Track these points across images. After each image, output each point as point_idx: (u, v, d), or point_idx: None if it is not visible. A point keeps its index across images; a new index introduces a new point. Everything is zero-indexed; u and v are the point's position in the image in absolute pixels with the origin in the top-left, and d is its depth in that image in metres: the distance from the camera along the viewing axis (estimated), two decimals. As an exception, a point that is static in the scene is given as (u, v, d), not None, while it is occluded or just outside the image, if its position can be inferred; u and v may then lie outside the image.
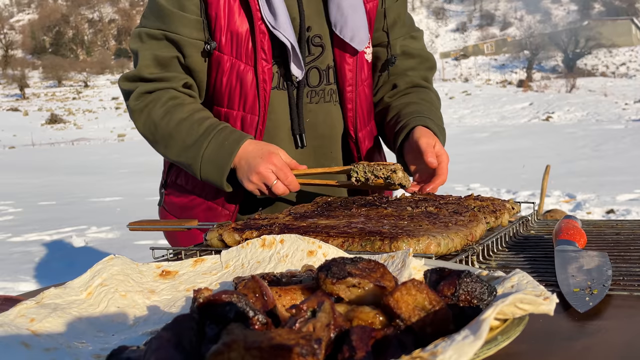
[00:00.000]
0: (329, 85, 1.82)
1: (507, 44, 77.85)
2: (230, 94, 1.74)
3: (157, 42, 1.73)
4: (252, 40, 1.69)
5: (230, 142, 1.65)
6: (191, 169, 1.70)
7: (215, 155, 1.66)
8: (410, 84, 1.96)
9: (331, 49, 1.80)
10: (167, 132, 1.71)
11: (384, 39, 1.91)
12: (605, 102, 33.71)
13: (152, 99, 1.74)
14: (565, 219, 1.27)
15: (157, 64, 1.74)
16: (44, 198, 10.88)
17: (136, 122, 1.77)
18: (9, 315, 0.75)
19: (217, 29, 1.69)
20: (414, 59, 1.98)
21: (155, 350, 0.52)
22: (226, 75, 1.73)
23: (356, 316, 0.62)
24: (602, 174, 10.58)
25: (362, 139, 1.87)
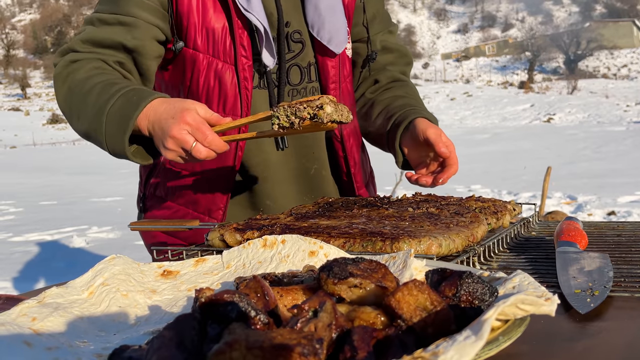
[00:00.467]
0: (311, 83, 1.75)
1: (509, 46, 77.85)
2: (209, 95, 1.65)
3: (109, 27, 1.61)
4: (231, 36, 1.61)
5: (139, 97, 1.44)
6: (98, 136, 1.48)
7: (119, 112, 1.43)
8: (391, 78, 1.94)
9: (311, 45, 1.74)
10: (82, 96, 1.51)
11: (363, 35, 1.87)
12: (606, 104, 33.69)
13: (75, 67, 1.58)
14: (567, 220, 1.27)
15: (97, 43, 1.61)
16: (45, 198, 10.88)
17: (57, 92, 1.59)
18: (10, 315, 0.75)
19: (191, 27, 1.61)
20: (393, 53, 1.96)
21: (157, 349, 0.52)
22: (203, 75, 1.64)
23: (358, 316, 0.62)
24: (603, 176, 10.58)
25: (347, 137, 1.81)
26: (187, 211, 1.74)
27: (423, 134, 1.62)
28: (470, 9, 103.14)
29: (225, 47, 1.62)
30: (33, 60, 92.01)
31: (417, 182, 1.67)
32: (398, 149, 1.74)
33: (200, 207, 1.71)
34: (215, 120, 1.41)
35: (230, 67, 1.63)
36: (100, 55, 1.60)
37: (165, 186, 1.77)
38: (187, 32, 1.62)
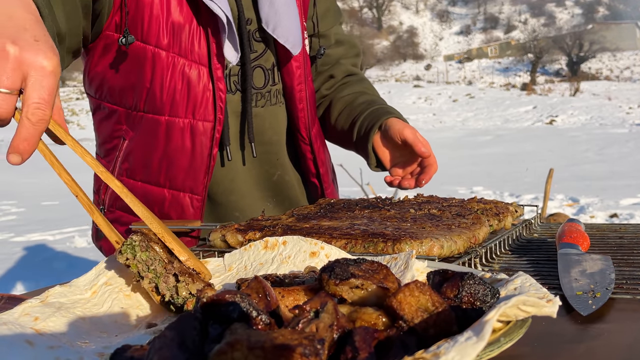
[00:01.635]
0: (275, 86, 1.64)
1: (511, 47, 77.81)
2: (174, 99, 1.49)
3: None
4: (205, 33, 1.48)
5: None
6: None
7: None
8: (346, 72, 1.89)
9: (274, 44, 1.62)
10: None
11: (313, 30, 1.78)
12: (609, 106, 33.65)
13: None
14: (569, 222, 1.27)
15: None
16: (46, 198, 10.89)
17: None
18: (13, 314, 0.76)
19: (153, 21, 1.45)
20: (344, 45, 1.91)
21: (159, 349, 0.52)
22: (168, 76, 1.48)
23: (359, 317, 0.62)
24: (605, 178, 10.56)
25: (314, 138, 1.72)
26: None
27: (400, 135, 1.60)
28: (473, 11, 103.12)
29: (194, 45, 1.48)
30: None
31: (400, 186, 1.65)
32: (371, 152, 1.70)
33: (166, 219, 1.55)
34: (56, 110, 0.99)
35: (200, 67, 1.49)
36: None
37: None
38: (148, 27, 1.46)
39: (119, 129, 1.59)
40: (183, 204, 1.56)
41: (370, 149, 1.69)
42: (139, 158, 1.56)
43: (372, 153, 1.70)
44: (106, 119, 1.63)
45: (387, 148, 1.68)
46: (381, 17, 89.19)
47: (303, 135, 1.71)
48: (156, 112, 1.51)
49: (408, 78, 59.70)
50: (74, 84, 78.15)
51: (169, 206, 1.57)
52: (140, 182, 1.58)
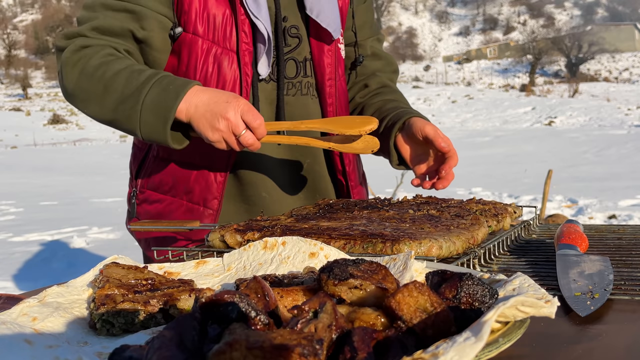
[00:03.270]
0: (306, 78, 1.76)
1: (510, 48, 77.87)
2: (206, 81, 1.63)
3: (114, 13, 1.59)
4: (235, 22, 1.61)
5: (176, 86, 1.45)
6: (130, 123, 1.49)
7: (157, 101, 1.45)
8: (380, 84, 1.97)
9: (307, 41, 1.75)
10: (103, 84, 1.50)
11: (352, 39, 1.90)
12: (607, 108, 33.68)
13: (88, 52, 1.55)
14: (567, 223, 1.27)
15: (106, 30, 1.58)
16: (45, 198, 10.88)
17: (67, 76, 1.56)
18: (11, 314, 0.76)
19: (192, 12, 1.60)
20: (381, 60, 2.01)
21: (158, 349, 0.52)
22: (201, 60, 1.62)
23: (358, 317, 0.62)
24: (604, 179, 10.57)
25: None
26: (180, 202, 1.71)
27: (421, 131, 1.64)
28: (472, 12, 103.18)
29: (225, 33, 1.61)
30: (34, 60, 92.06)
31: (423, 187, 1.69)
32: (393, 148, 1.75)
33: (194, 196, 1.69)
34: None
35: (230, 53, 1.62)
36: (111, 42, 1.58)
37: (158, 179, 1.74)
38: (187, 17, 1.60)
39: None
40: (208, 179, 1.68)
41: (392, 145, 1.74)
42: None
43: (393, 150, 1.75)
44: None
45: (408, 145, 1.73)
46: (380, 17, 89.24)
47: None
48: None
49: (407, 79, 59.70)
50: (73, 84, 77.73)
51: (194, 180, 1.69)
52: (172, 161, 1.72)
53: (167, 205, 1.73)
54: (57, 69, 1.62)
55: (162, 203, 1.73)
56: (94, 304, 0.80)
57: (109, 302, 0.79)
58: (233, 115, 1.42)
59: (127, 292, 0.83)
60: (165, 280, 0.90)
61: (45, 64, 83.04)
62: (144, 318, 0.79)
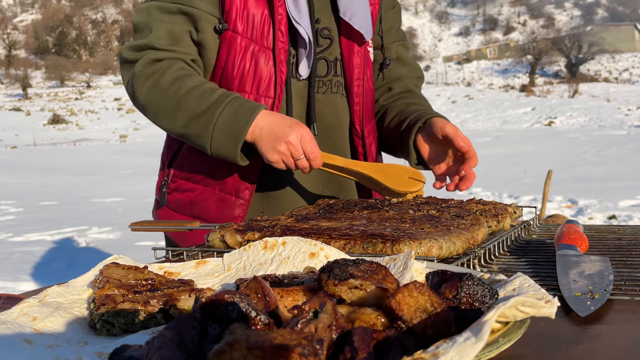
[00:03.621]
0: (336, 77, 1.84)
1: (510, 49, 77.86)
2: (243, 76, 1.71)
3: (171, 16, 1.68)
4: (272, 21, 1.69)
5: (247, 110, 1.57)
6: (200, 139, 1.61)
7: (229, 123, 1.57)
8: (405, 88, 2.01)
9: (338, 42, 1.83)
10: (176, 100, 1.61)
11: (379, 42, 1.96)
12: (607, 108, 33.68)
13: (161, 66, 1.66)
14: (567, 223, 1.27)
15: (171, 37, 1.68)
16: (45, 198, 10.89)
17: (139, 89, 1.66)
18: (11, 314, 0.76)
19: (233, 10, 1.67)
20: (407, 66, 2.05)
21: (158, 349, 0.52)
22: (239, 56, 1.70)
23: (358, 317, 0.62)
24: (604, 180, 10.57)
25: (367, 134, 1.89)
26: (212, 192, 1.77)
27: (441, 130, 1.66)
28: (472, 12, 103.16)
29: (263, 32, 1.69)
30: (34, 60, 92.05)
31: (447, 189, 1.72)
32: (412, 147, 1.77)
33: (227, 187, 1.75)
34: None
35: (267, 51, 1.69)
36: (178, 54, 1.68)
37: (191, 169, 1.81)
38: (228, 15, 1.68)
39: None
40: (241, 171, 1.74)
41: (412, 144, 1.78)
42: None
43: (412, 149, 1.78)
44: None
45: (428, 145, 1.76)
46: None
47: (357, 129, 1.88)
48: (227, 87, 1.72)
49: (407, 79, 59.45)
50: (73, 84, 77.99)
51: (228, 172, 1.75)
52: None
53: (199, 194, 1.79)
54: (125, 79, 1.72)
55: (194, 192, 1.80)
56: (94, 304, 0.80)
57: (109, 303, 0.79)
58: (294, 139, 1.53)
59: (127, 293, 0.83)
60: (165, 280, 0.90)
61: (45, 64, 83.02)
62: (144, 318, 0.79)
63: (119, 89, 68.27)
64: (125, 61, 1.72)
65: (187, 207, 1.82)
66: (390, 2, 2.02)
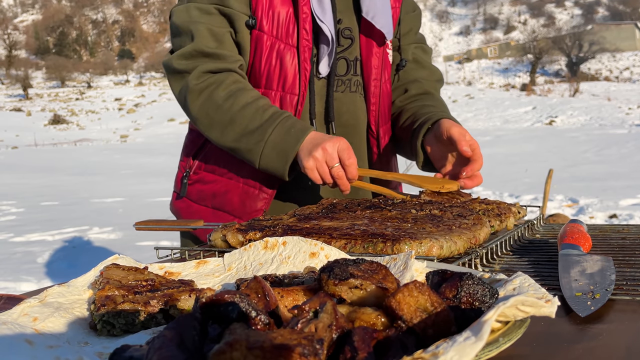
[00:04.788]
0: (355, 77, 1.86)
1: (511, 48, 77.82)
2: (269, 74, 1.74)
3: (210, 17, 1.71)
4: (296, 20, 1.71)
5: (297, 130, 1.62)
6: (250, 154, 1.66)
7: (280, 142, 1.62)
8: (422, 90, 2.01)
9: (358, 42, 1.85)
10: (229, 115, 1.67)
11: (396, 44, 1.98)
12: (608, 107, 33.65)
13: (215, 80, 1.70)
14: (571, 223, 1.26)
15: (215, 39, 1.71)
16: (46, 198, 10.89)
17: (192, 102, 1.71)
18: (12, 314, 0.76)
19: (259, 8, 1.70)
20: (425, 69, 2.05)
21: (158, 349, 0.52)
22: (265, 54, 1.73)
23: (358, 317, 0.62)
24: (605, 179, 10.56)
25: (382, 135, 1.91)
26: (237, 185, 1.80)
27: (447, 132, 1.66)
28: (472, 11, 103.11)
29: (288, 30, 1.72)
30: (35, 60, 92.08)
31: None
32: (419, 148, 1.77)
33: (252, 181, 1.78)
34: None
35: (291, 49, 1.72)
36: (228, 63, 1.71)
37: (216, 162, 1.84)
38: (255, 13, 1.71)
39: None
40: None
41: (419, 146, 1.78)
42: None
43: (420, 150, 1.79)
44: None
45: (435, 145, 1.75)
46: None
47: (372, 129, 1.91)
48: (255, 85, 1.78)
49: (408, 79, 59.45)
50: (74, 84, 78.00)
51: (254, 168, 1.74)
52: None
53: (222, 186, 1.83)
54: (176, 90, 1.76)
55: (217, 184, 1.83)
56: (94, 305, 0.80)
57: (109, 303, 0.79)
58: (331, 147, 1.57)
59: (127, 293, 0.83)
60: (165, 280, 0.90)
61: (45, 64, 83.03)
62: (145, 318, 0.79)
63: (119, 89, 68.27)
64: (175, 71, 1.74)
65: (209, 199, 1.85)
66: (410, 5, 2.03)
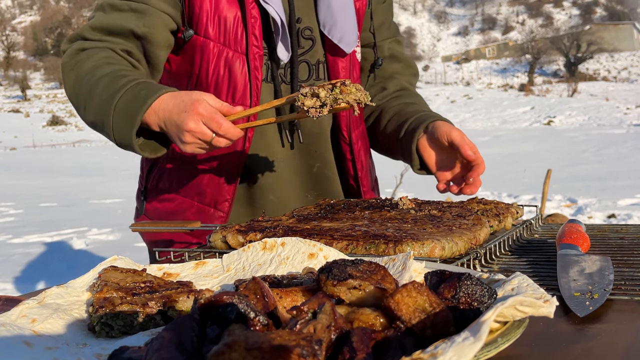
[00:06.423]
0: (318, 81, 1.73)
1: (509, 48, 77.87)
2: (218, 84, 1.63)
3: (119, 14, 1.60)
4: (244, 25, 1.60)
5: (146, 92, 1.43)
6: (106, 128, 1.48)
7: (126, 106, 1.43)
8: (399, 87, 1.94)
9: (321, 43, 1.73)
10: (88, 88, 1.51)
11: (370, 40, 1.88)
12: (606, 107, 33.68)
13: (83, 56, 1.57)
14: (569, 223, 1.26)
15: (106, 31, 1.59)
16: (44, 199, 10.88)
17: (65, 81, 1.58)
18: (10, 316, 0.76)
19: (203, 14, 1.60)
20: (400, 63, 1.98)
21: (157, 350, 0.52)
22: (212, 63, 1.62)
23: (357, 318, 0.62)
24: (603, 179, 10.57)
25: (355, 140, 1.81)
26: (191, 203, 1.72)
27: (447, 136, 1.61)
28: (471, 12, 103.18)
29: (236, 36, 1.61)
30: (33, 62, 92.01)
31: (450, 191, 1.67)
32: (415, 153, 1.71)
33: (206, 198, 1.70)
34: (226, 110, 1.40)
35: (241, 56, 1.62)
36: (109, 43, 1.59)
37: (169, 178, 1.75)
38: (198, 19, 1.61)
39: None
40: (219, 182, 1.69)
41: (414, 149, 1.71)
42: None
43: (415, 155, 1.72)
44: None
45: (433, 150, 1.69)
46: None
47: (344, 135, 1.80)
48: None
49: (406, 79, 59.51)
50: (72, 86, 77.56)
51: (206, 183, 1.70)
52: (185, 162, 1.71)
53: (177, 205, 1.73)
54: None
55: (173, 202, 1.74)
56: (93, 307, 0.80)
57: (108, 305, 0.79)
58: (194, 125, 1.37)
59: (126, 295, 0.83)
60: (163, 282, 0.90)
61: (44, 66, 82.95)
62: (143, 320, 0.79)
63: (118, 90, 68.05)
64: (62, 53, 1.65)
65: (165, 217, 1.75)
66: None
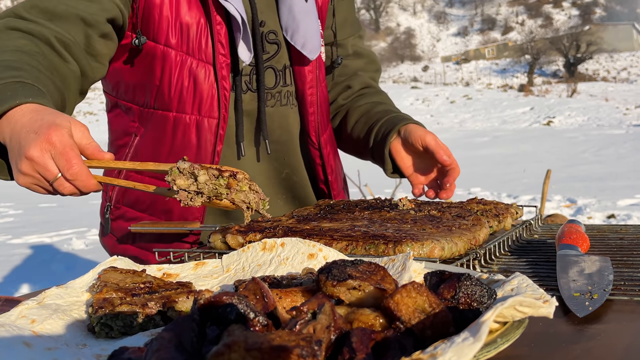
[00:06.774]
0: (286, 87, 1.67)
1: (508, 49, 77.86)
2: (182, 96, 1.51)
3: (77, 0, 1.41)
4: (210, 32, 1.50)
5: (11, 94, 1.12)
6: None
7: None
8: (364, 84, 1.91)
9: (286, 47, 1.65)
10: None
11: (332, 39, 1.82)
12: (606, 107, 33.67)
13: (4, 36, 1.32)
14: (569, 223, 1.27)
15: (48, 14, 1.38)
16: (44, 200, 10.88)
17: None
18: (10, 316, 0.76)
19: (163, 21, 1.48)
20: (363, 59, 1.95)
21: (156, 350, 0.52)
22: (175, 74, 1.50)
23: (356, 318, 0.62)
24: (603, 179, 10.57)
25: (324, 144, 1.74)
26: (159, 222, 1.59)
27: (422, 141, 1.60)
28: (470, 12, 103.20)
29: (200, 44, 1.50)
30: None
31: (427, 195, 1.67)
32: (387, 157, 1.70)
33: (174, 216, 1.59)
34: (91, 151, 1.13)
35: (206, 66, 1.51)
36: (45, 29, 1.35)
37: (135, 195, 1.61)
38: (158, 26, 1.49)
39: (132, 126, 1.63)
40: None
41: (387, 154, 1.70)
42: (148, 153, 1.59)
43: (388, 159, 1.71)
44: (121, 116, 1.67)
45: (407, 154, 1.69)
46: (378, 18, 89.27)
47: (313, 140, 1.73)
48: (165, 109, 1.55)
49: (405, 79, 59.70)
50: (72, 86, 77.60)
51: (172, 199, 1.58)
52: (147, 177, 1.58)
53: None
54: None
55: (137, 221, 1.60)
56: (92, 308, 0.80)
57: (107, 306, 0.79)
58: (38, 154, 1.06)
59: (125, 295, 0.83)
60: (163, 282, 0.90)
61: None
62: (143, 320, 0.79)
63: (117, 91, 68.01)
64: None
65: (131, 239, 1.63)
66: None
